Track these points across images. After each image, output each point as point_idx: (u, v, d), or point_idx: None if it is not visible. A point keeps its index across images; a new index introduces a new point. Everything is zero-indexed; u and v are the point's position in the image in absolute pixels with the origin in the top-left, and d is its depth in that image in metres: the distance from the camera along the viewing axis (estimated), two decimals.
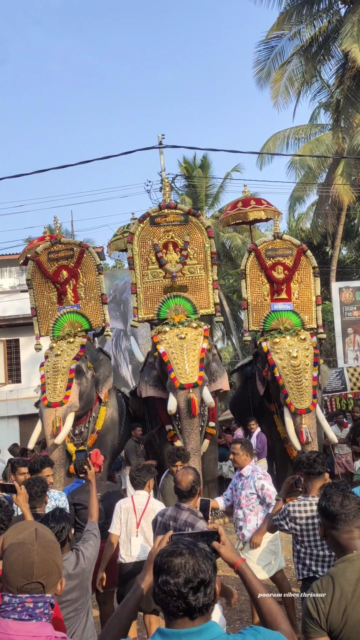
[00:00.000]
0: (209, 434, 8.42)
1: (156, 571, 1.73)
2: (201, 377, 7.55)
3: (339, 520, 2.39)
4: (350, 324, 16.94)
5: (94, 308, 8.85)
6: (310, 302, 8.80)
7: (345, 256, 28.33)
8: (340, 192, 20.66)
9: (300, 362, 7.87)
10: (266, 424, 9.01)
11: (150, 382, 8.29)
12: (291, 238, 9.17)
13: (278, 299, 8.70)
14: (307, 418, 7.59)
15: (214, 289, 8.70)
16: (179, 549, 1.73)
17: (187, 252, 8.65)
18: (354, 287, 17.42)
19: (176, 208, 8.80)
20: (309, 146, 22.63)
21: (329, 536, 2.44)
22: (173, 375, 7.56)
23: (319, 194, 23.26)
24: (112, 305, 19.24)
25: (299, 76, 19.49)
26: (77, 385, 7.96)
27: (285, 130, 22.58)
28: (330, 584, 2.27)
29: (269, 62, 19.64)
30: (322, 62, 19.44)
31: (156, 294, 8.67)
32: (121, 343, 19.85)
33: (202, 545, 1.78)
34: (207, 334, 8.02)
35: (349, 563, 2.29)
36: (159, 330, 8.11)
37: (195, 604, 1.66)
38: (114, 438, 9.19)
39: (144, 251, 8.70)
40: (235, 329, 31.86)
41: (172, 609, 1.68)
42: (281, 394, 7.88)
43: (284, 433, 8.39)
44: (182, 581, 1.66)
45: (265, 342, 8.30)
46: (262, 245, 8.90)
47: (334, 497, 2.46)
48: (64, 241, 9.05)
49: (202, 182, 27.45)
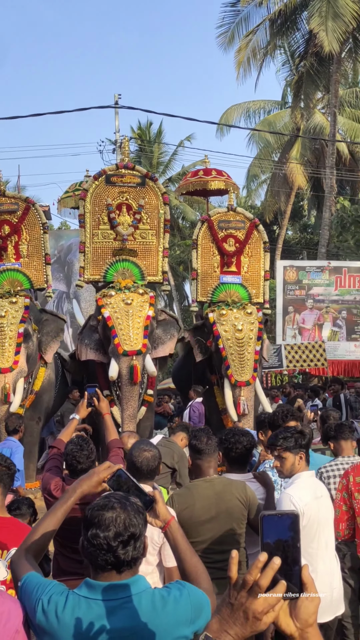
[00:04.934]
0: (146, 401, 8.41)
1: (86, 524, 1.71)
2: (145, 344, 7.51)
3: (204, 453, 3.30)
4: (291, 302, 17.23)
5: (37, 267, 8.60)
6: (259, 277, 8.87)
7: (291, 236, 28.73)
8: (295, 172, 20.83)
9: (245, 336, 7.96)
10: (206, 394, 9.11)
11: (92, 345, 8.18)
12: (244, 211, 9.17)
13: (227, 272, 8.72)
14: (246, 390, 7.72)
15: (163, 256, 8.60)
16: (111, 503, 1.71)
17: (140, 216, 8.49)
18: (297, 267, 17.70)
19: (134, 169, 8.60)
20: (267, 122, 22.66)
21: (194, 464, 3.38)
22: (117, 341, 7.48)
23: (272, 171, 23.40)
24: (56, 267, 18.84)
25: (262, 47, 19.40)
26: (24, 349, 7.82)
27: (246, 102, 22.49)
28: (188, 493, 3.31)
29: (234, 26, 19.43)
30: (287, 35, 19.38)
31: (105, 255, 8.49)
32: (63, 305, 19.52)
33: (134, 500, 1.77)
34: (152, 301, 7.96)
35: (204, 482, 3.29)
36: (104, 294, 7.97)
37: (124, 558, 1.66)
38: (50, 400, 9.12)
39: (97, 210, 8.48)
40: (177, 300, 31.95)
41: (101, 563, 1.67)
42: (223, 365, 7.96)
43: (222, 404, 8.50)
44: (112, 535, 1.65)
45: (212, 313, 8.32)
46: (215, 216, 8.87)
47: (202, 437, 3.33)
48: (9, 194, 8.69)
49: (155, 149, 27.10)
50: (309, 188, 24.47)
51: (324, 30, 17.14)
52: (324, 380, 16.02)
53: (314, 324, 16.96)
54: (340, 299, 16.84)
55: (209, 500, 3.25)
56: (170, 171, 27.89)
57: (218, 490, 3.29)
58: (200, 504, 3.24)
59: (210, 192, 10.48)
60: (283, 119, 23.52)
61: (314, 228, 27.61)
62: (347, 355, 16.23)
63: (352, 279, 16.84)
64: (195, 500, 3.26)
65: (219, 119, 22.22)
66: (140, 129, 27.63)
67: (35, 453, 9.03)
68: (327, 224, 19.94)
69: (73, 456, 3.52)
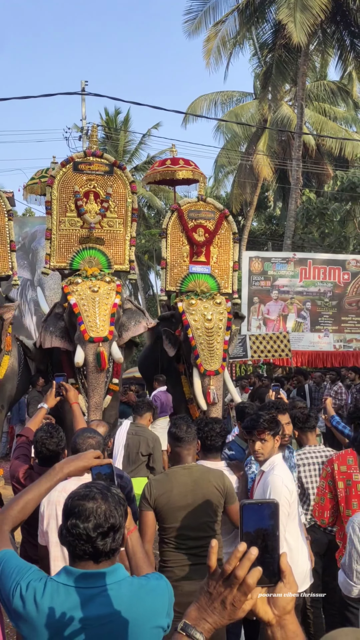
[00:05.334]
0: (111, 390, 8.37)
1: (66, 513, 1.70)
2: (111, 331, 7.46)
3: (183, 441, 3.37)
4: (256, 293, 17.36)
5: (1, 255, 8.43)
6: (228, 268, 8.88)
7: (256, 227, 28.92)
8: (261, 164, 20.93)
9: (214, 325, 7.99)
10: (172, 383, 9.11)
11: (57, 332, 8.10)
12: (214, 202, 9.16)
13: (197, 262, 8.71)
14: (215, 380, 7.75)
15: (130, 245, 8.54)
16: (92, 493, 1.71)
17: (108, 204, 8.40)
18: (263, 258, 17.81)
19: (102, 157, 8.50)
20: (234, 112, 22.68)
21: (173, 451, 3.44)
22: (83, 327, 7.41)
23: (239, 162, 23.46)
24: (21, 254, 18.46)
25: (231, 37, 19.39)
26: None
27: (212, 93, 22.45)
28: (166, 479, 3.38)
29: (201, 14, 19.37)
30: (255, 26, 19.40)
31: (71, 243, 8.38)
32: (27, 293, 19.20)
33: (116, 490, 1.77)
34: (119, 290, 7.91)
35: (182, 469, 3.37)
36: (70, 281, 7.89)
37: (103, 549, 1.67)
38: (12, 388, 8.98)
39: (64, 197, 8.35)
40: (142, 289, 31.89)
41: (79, 552, 1.68)
42: (192, 354, 7.96)
43: (189, 393, 8.52)
44: (91, 526, 1.66)
45: (181, 302, 8.32)
46: (185, 205, 8.83)
47: (181, 425, 3.41)
48: None
49: (121, 137, 26.87)
50: (274, 179, 24.64)
51: (292, 22, 17.23)
52: (287, 370, 16.23)
53: (278, 314, 17.13)
54: (305, 291, 17.04)
55: (186, 487, 3.33)
56: (136, 159, 27.74)
57: (196, 478, 3.37)
58: (177, 490, 3.31)
59: (178, 181, 10.44)
60: (250, 110, 23.59)
61: (279, 219, 27.85)
62: (311, 347, 16.48)
63: (316, 270, 17.05)
64: (173, 486, 3.33)
65: (186, 109, 22.16)
66: (107, 116, 27.37)
67: None
68: (293, 215, 20.12)
69: (43, 443, 3.54)
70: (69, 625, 1.65)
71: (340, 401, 11.39)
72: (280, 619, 1.22)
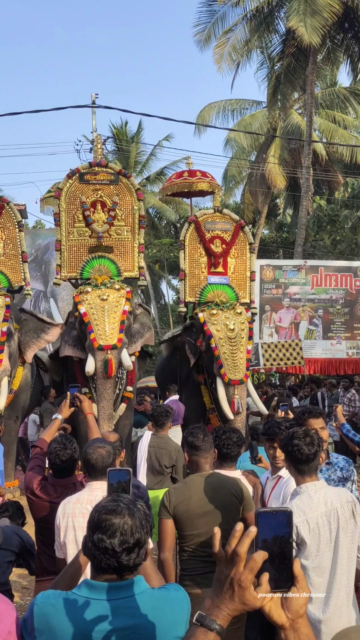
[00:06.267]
0: (126, 397, 8.40)
1: (92, 527, 1.71)
2: (120, 339, 7.51)
3: (200, 449, 3.40)
4: (268, 301, 17.34)
5: (14, 266, 8.53)
6: (245, 277, 8.95)
7: (267, 235, 28.95)
8: (273, 172, 20.95)
9: (237, 335, 8.04)
10: (189, 393, 9.13)
11: (70, 341, 8.18)
12: (230, 213, 9.23)
13: (215, 272, 8.78)
14: (239, 389, 7.80)
15: (139, 252, 8.61)
16: (119, 508, 1.71)
17: (115, 212, 8.49)
18: (274, 266, 17.81)
19: (107, 167, 8.60)
20: (244, 122, 22.74)
21: (191, 460, 3.46)
22: (92, 336, 7.48)
23: (249, 171, 23.51)
24: (33, 266, 18.66)
25: (240, 46, 19.49)
26: (7, 348, 7.80)
27: (221, 101, 22.54)
28: (185, 487, 3.40)
29: (210, 25, 19.50)
30: (264, 35, 19.49)
31: (81, 253, 8.48)
32: (40, 304, 19.34)
33: (141, 505, 1.77)
34: (129, 296, 7.98)
35: (200, 477, 3.37)
36: (80, 291, 7.97)
37: (127, 564, 1.68)
38: (26, 399, 9.14)
39: (71, 208, 8.47)
40: (154, 299, 31.93)
41: (103, 566, 1.69)
42: (215, 364, 8.00)
43: (209, 403, 8.56)
44: (117, 542, 1.66)
45: (202, 313, 8.37)
46: (202, 217, 8.91)
47: (198, 434, 3.41)
48: None
49: (132, 149, 27.01)
50: (285, 187, 24.72)
51: (303, 26, 17.27)
52: (300, 378, 16.18)
53: (290, 322, 17.10)
54: (317, 298, 17.01)
55: (204, 494, 3.34)
56: (147, 171, 27.85)
57: (214, 485, 3.38)
58: (196, 498, 3.32)
59: (194, 193, 10.53)
60: (259, 119, 23.66)
61: (290, 227, 27.86)
62: (324, 354, 16.41)
63: (328, 277, 17.00)
64: (191, 494, 3.34)
65: (196, 117, 22.28)
66: (116, 128, 27.55)
67: (13, 452, 9.00)
68: (304, 223, 20.13)
69: (56, 454, 3.53)
70: (91, 637, 1.66)
71: (354, 408, 11.36)
72: (293, 622, 1.26)
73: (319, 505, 2.76)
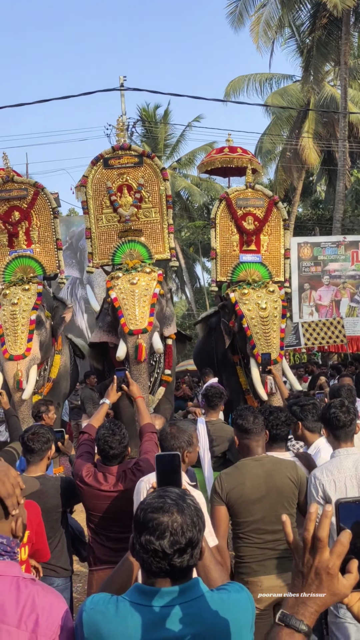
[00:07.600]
0: (164, 381, 8.32)
1: (138, 527, 1.56)
2: (151, 322, 7.40)
3: (251, 432, 3.27)
4: (307, 279, 17.07)
5: (48, 253, 8.49)
6: (279, 255, 8.69)
7: (302, 213, 28.41)
8: (307, 148, 20.49)
9: (269, 314, 7.83)
10: (227, 374, 8.99)
11: (104, 327, 8.17)
12: (263, 189, 8.97)
13: (247, 250, 8.56)
14: (274, 369, 7.59)
15: (169, 232, 8.47)
16: (167, 505, 1.56)
17: (140, 194, 8.37)
18: (312, 243, 17.49)
19: (130, 149, 8.46)
20: (279, 93, 22.27)
21: (241, 444, 3.33)
22: (123, 321, 7.42)
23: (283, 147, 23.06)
24: (68, 253, 18.77)
25: (275, 22, 19.08)
26: (37, 336, 7.75)
27: (254, 74, 22.12)
28: (237, 472, 3.26)
29: (241, 3, 19.13)
30: (295, 8, 19.03)
31: (111, 238, 8.41)
32: (77, 291, 19.48)
33: (191, 499, 1.62)
34: (160, 279, 7.85)
35: (252, 461, 3.26)
36: (112, 276, 7.90)
37: (180, 566, 1.52)
38: (67, 386, 9.13)
39: (98, 195, 8.39)
40: (189, 282, 31.83)
41: (154, 570, 1.53)
42: (248, 344, 7.83)
43: (245, 384, 8.40)
44: (167, 543, 1.51)
45: (234, 292, 8.19)
46: (233, 194, 8.69)
47: (248, 416, 3.30)
48: (17, 180, 8.53)
49: (162, 131, 26.80)
50: (319, 162, 24.17)
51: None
52: (343, 357, 15.89)
53: (331, 300, 16.81)
54: (358, 274, 16.68)
55: (258, 479, 3.21)
56: (177, 154, 27.62)
57: (268, 469, 3.26)
58: (250, 483, 3.20)
59: (231, 170, 10.29)
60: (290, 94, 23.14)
61: (325, 203, 27.24)
62: None
63: None
64: (245, 479, 3.21)
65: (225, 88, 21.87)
66: (146, 110, 27.34)
67: None
68: (342, 198, 19.64)
69: (105, 441, 3.45)
70: None
71: None
72: None
73: (349, 468, 3.01)
